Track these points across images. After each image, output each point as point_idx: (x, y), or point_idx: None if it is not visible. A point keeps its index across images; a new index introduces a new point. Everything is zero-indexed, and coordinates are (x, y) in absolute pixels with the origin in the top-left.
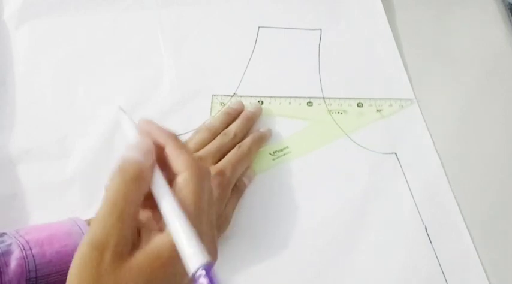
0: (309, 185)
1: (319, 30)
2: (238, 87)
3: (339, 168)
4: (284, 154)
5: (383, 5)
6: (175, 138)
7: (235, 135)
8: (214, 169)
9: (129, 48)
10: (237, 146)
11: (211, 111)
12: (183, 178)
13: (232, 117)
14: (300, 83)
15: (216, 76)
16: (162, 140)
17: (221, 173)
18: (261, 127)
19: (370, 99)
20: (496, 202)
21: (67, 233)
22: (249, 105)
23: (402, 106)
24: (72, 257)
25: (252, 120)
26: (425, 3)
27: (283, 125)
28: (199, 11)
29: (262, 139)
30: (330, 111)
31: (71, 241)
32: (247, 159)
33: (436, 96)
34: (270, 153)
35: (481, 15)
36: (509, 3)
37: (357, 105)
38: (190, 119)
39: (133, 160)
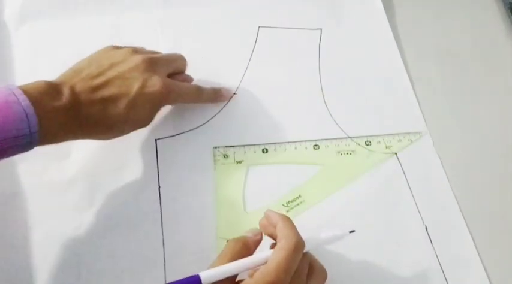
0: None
1: (319, 30)
2: (238, 87)
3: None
4: (298, 204)
5: (383, 4)
6: (285, 218)
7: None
8: (163, 80)
9: None
10: (196, 86)
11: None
12: (280, 245)
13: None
14: (300, 83)
15: (216, 76)
16: (275, 220)
17: (168, 90)
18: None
19: (378, 136)
20: (496, 202)
21: (4, 103)
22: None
23: (412, 141)
24: (12, 126)
25: None
26: (425, 3)
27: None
28: (199, 11)
29: (220, 98)
30: (338, 152)
31: (10, 111)
32: (197, 100)
33: (436, 95)
34: (283, 204)
35: (481, 15)
36: (510, 3)
37: (365, 143)
38: (190, 119)
39: (243, 236)
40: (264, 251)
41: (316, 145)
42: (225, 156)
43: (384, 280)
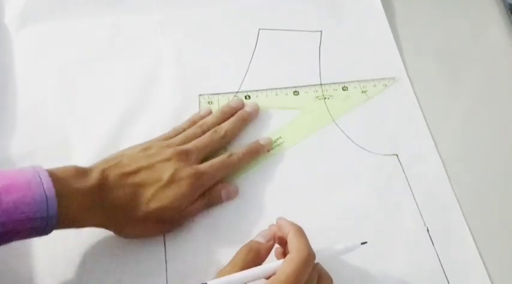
0: (308, 181)
1: (320, 32)
2: (239, 89)
3: (338, 167)
4: (278, 145)
5: (383, 4)
6: (297, 228)
7: (225, 135)
8: (193, 169)
9: (129, 49)
10: (227, 154)
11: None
12: (290, 257)
13: (228, 115)
14: (301, 85)
15: (216, 79)
16: (287, 229)
17: (198, 176)
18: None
19: (354, 81)
20: (497, 203)
21: (26, 183)
22: (247, 104)
23: (386, 86)
24: (29, 208)
25: (247, 120)
26: (425, 3)
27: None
28: (200, 13)
29: (257, 153)
30: (317, 98)
31: (30, 192)
32: (233, 168)
33: (437, 96)
34: None
35: (481, 15)
36: (509, 4)
37: (342, 89)
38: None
39: (255, 241)
40: (274, 262)
41: (296, 91)
42: (210, 103)
43: (385, 281)
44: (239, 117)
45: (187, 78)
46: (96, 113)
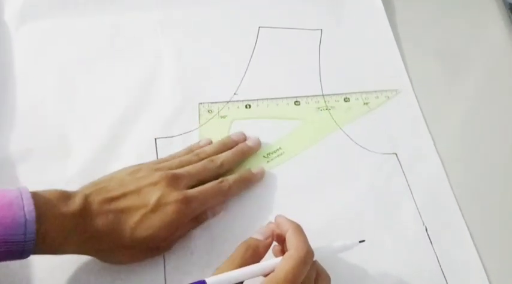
0: (307, 186)
1: (320, 30)
2: (238, 87)
3: (337, 167)
4: (278, 156)
5: (383, 5)
6: (296, 226)
7: (221, 165)
8: (181, 194)
9: (129, 49)
10: (218, 180)
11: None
12: (289, 254)
13: (228, 147)
14: (301, 84)
15: (216, 77)
16: (286, 227)
17: (185, 201)
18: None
19: (356, 92)
20: (496, 203)
21: (8, 205)
22: (250, 138)
23: (388, 98)
24: (5, 231)
25: (247, 154)
26: (425, 3)
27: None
28: (199, 11)
29: (249, 181)
30: (318, 108)
31: (10, 213)
32: (223, 196)
33: (437, 96)
34: (263, 156)
35: (481, 15)
36: (509, 3)
37: (344, 100)
38: (191, 120)
39: (254, 239)
40: (272, 259)
41: (297, 101)
42: (210, 112)
43: (383, 281)
44: (239, 149)
45: (187, 78)
46: (96, 112)
